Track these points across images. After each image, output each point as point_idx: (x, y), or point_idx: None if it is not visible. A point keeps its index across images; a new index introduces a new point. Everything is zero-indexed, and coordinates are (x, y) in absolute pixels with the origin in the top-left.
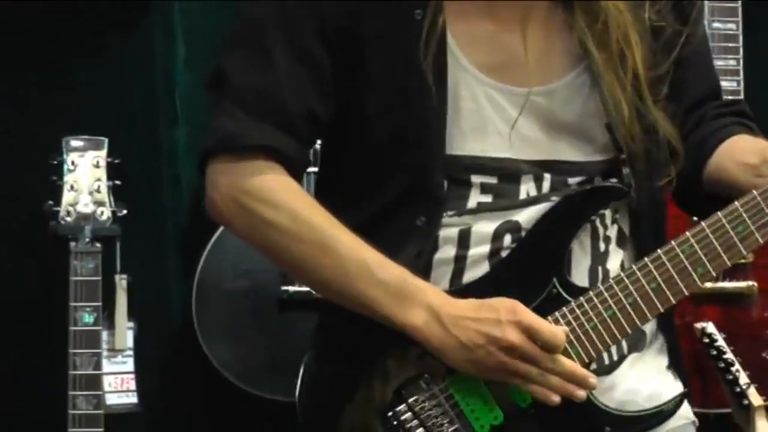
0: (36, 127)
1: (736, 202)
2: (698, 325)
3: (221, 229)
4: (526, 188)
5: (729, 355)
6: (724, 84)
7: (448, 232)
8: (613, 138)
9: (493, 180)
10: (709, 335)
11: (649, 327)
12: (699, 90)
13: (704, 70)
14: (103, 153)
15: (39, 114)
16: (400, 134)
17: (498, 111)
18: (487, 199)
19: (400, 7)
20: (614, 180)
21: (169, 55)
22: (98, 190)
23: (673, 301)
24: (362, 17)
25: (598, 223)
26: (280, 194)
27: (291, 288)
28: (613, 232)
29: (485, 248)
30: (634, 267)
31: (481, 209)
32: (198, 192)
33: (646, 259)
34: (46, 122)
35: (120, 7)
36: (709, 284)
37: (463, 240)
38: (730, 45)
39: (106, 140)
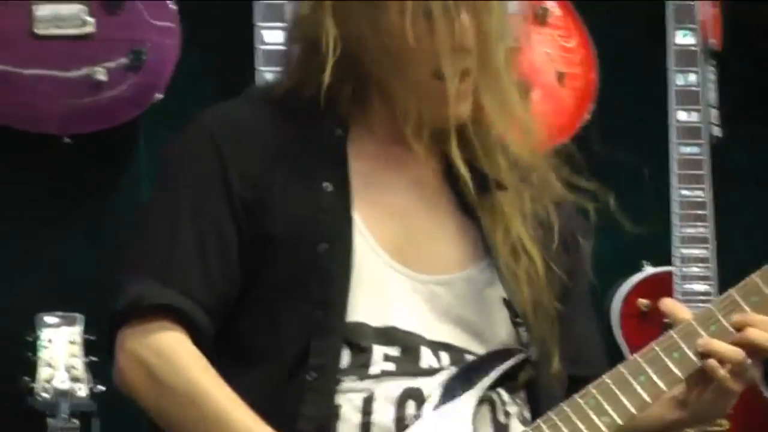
0: (9, 303)
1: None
2: None
3: None
4: (427, 360)
5: None
6: (694, 251)
7: (352, 401)
8: (515, 333)
9: (395, 351)
10: None
11: None
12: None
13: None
14: (79, 329)
15: (11, 289)
16: (302, 295)
17: (398, 290)
18: (390, 367)
19: (309, 178)
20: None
21: None
22: (74, 367)
23: None
24: (270, 187)
25: (495, 398)
26: (180, 356)
27: None
28: (513, 408)
29: (390, 415)
30: (539, 421)
31: (384, 375)
32: None
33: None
34: (20, 298)
35: (89, 185)
36: None
37: (367, 408)
38: (700, 212)
39: (82, 317)
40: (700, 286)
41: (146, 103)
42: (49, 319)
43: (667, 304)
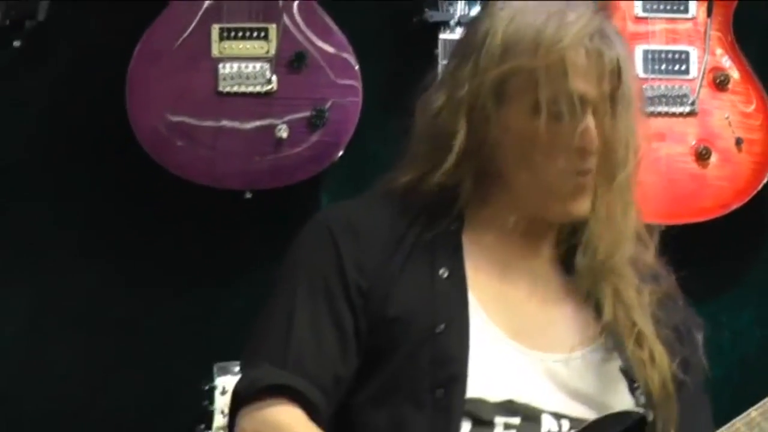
0: (188, 352)
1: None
2: None
3: None
4: (548, 426)
5: None
6: None
7: None
8: (633, 399)
9: (515, 420)
10: None
11: None
12: None
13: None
14: None
15: (191, 339)
16: (421, 377)
17: (516, 364)
18: None
19: (425, 266)
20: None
21: None
22: None
23: None
24: (387, 276)
25: None
26: (297, 429)
27: None
28: None
29: None
30: None
31: None
32: None
33: None
34: (198, 347)
35: (270, 240)
36: None
37: None
38: None
39: None
40: None
41: (327, 161)
42: (226, 367)
43: None
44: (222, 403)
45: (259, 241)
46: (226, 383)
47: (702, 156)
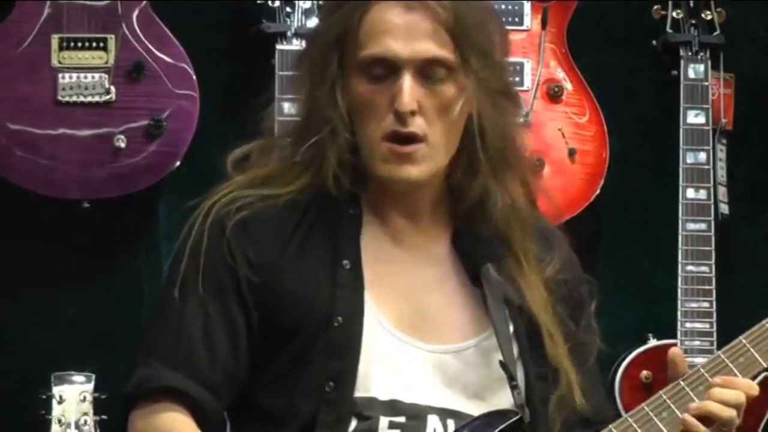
0: (26, 361)
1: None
2: None
3: None
4: (433, 426)
5: None
6: (697, 325)
7: None
8: (516, 401)
9: (401, 419)
10: None
11: None
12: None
13: (596, 391)
14: (90, 387)
15: (28, 348)
16: (315, 368)
17: (406, 362)
18: None
19: (326, 256)
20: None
21: (155, 293)
22: (85, 424)
23: None
24: (283, 269)
25: None
26: None
27: None
28: None
29: None
30: None
31: None
32: None
33: None
34: (35, 356)
35: (108, 249)
36: None
37: None
38: (705, 287)
39: (93, 376)
40: (701, 359)
41: (165, 170)
42: (62, 377)
43: (675, 352)
44: (59, 411)
45: (97, 250)
46: (63, 392)
47: (535, 167)
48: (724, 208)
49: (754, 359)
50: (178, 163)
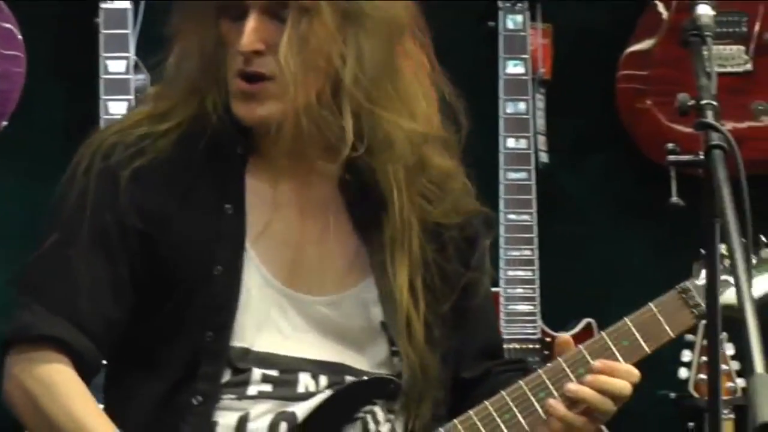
0: None
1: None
2: None
3: None
4: (305, 383)
5: None
6: (519, 273)
7: (227, 418)
8: (394, 351)
9: (274, 372)
10: None
11: None
12: (479, 345)
13: (485, 326)
14: None
15: None
16: (195, 317)
17: (283, 313)
18: (267, 388)
19: (210, 200)
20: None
21: None
22: None
23: None
24: (168, 215)
25: (369, 418)
26: (59, 387)
27: None
28: (385, 428)
29: None
30: None
31: (261, 397)
32: None
33: None
34: None
35: None
36: None
37: (241, 427)
38: (526, 236)
39: None
40: (524, 307)
41: None
42: None
43: (564, 337)
44: None
45: None
46: None
47: None
48: (544, 157)
49: (639, 345)
50: (5, 123)
